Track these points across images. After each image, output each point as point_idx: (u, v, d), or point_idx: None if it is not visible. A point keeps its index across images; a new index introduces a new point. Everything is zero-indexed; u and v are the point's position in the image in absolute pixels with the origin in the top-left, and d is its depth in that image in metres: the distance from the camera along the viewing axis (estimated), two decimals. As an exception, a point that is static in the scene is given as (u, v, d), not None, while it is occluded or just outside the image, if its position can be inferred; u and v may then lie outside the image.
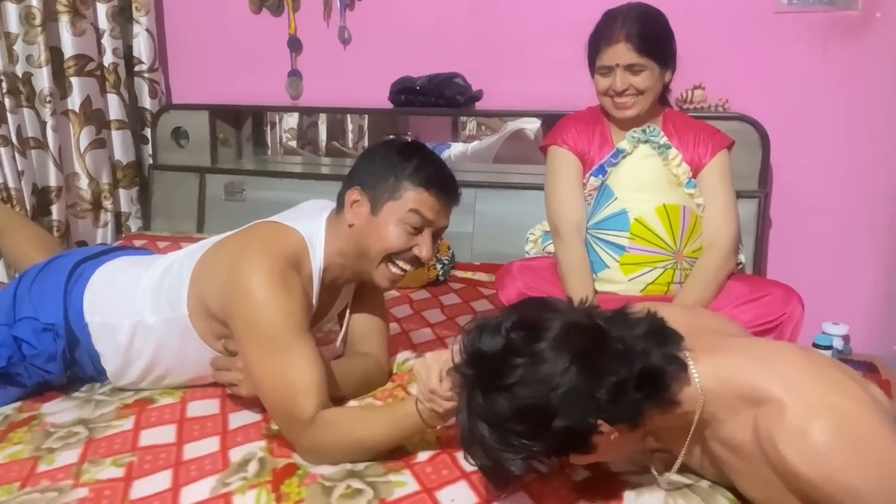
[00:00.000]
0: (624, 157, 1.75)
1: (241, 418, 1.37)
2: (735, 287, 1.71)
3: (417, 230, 1.31)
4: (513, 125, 3.15)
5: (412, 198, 1.30)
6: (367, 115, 3.25)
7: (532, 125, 3.07)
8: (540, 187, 2.18)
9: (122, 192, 2.76)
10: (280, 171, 2.82)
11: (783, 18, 2.18)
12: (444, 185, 1.32)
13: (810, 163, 2.25)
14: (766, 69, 2.23)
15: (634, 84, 1.66)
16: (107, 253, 1.61)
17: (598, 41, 1.69)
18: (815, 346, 1.96)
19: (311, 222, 1.36)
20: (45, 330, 1.40)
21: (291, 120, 3.39)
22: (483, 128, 5.38)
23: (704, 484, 1.12)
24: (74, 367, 1.46)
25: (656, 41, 1.66)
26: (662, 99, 1.81)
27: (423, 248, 1.31)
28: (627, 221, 1.70)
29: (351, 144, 4.21)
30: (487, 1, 2.51)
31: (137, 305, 1.41)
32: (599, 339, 0.95)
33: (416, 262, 1.34)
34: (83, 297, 1.45)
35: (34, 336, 1.39)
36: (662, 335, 0.99)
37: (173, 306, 1.37)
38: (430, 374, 1.13)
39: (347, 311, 1.53)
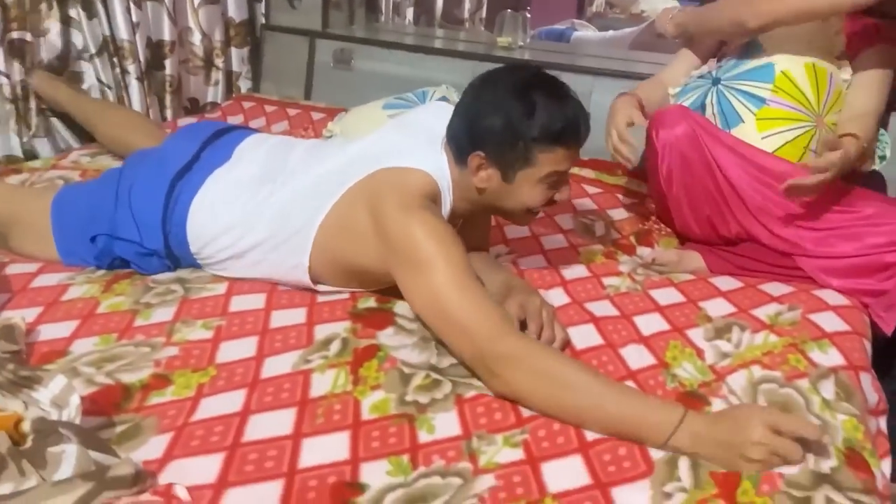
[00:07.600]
0: None
1: (330, 293, 1.35)
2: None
3: (557, 183, 1.28)
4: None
5: (547, 160, 1.23)
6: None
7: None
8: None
9: (233, 51, 2.72)
10: (392, 42, 2.64)
11: None
12: (575, 132, 1.24)
13: None
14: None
15: None
16: (200, 151, 1.49)
17: None
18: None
19: (432, 161, 1.28)
20: (148, 255, 1.40)
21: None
22: (612, 7, 4.88)
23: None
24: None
25: None
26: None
27: (563, 193, 1.31)
28: (773, 73, 1.55)
29: (467, 14, 3.99)
30: None
31: (249, 236, 1.35)
32: None
33: (554, 203, 1.33)
34: (185, 230, 1.39)
35: (138, 258, 1.40)
36: None
37: (293, 252, 1.31)
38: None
39: None
